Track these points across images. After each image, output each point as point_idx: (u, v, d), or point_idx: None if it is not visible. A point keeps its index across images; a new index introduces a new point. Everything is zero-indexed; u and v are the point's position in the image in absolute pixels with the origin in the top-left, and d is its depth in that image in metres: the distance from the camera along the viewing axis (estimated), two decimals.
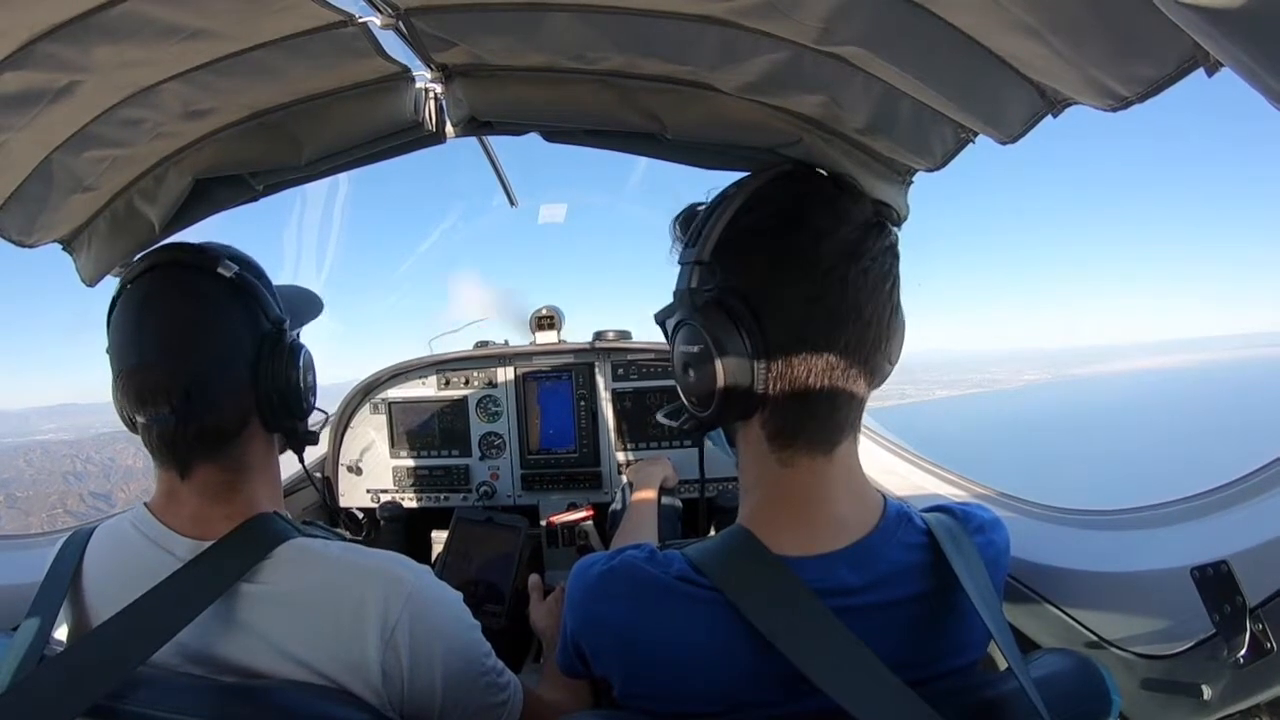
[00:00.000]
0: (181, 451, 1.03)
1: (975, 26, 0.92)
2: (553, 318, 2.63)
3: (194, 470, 1.04)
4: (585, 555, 1.03)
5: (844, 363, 0.90)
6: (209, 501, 1.04)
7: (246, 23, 1.05)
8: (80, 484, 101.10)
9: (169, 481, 1.06)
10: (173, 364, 1.02)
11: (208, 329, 1.05)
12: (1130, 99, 0.86)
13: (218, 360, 1.05)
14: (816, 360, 0.89)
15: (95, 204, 1.35)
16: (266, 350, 1.08)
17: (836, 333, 0.89)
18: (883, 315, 0.93)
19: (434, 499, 2.61)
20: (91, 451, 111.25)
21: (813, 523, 0.91)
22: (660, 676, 0.90)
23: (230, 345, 1.06)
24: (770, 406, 0.92)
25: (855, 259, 0.90)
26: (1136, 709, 1.14)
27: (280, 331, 1.11)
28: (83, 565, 1.07)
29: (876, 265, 0.92)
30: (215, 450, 1.04)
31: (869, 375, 0.94)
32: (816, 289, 0.89)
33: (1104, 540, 1.30)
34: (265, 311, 1.10)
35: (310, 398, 1.16)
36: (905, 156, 1.27)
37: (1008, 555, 1.04)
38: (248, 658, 0.96)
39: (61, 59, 0.97)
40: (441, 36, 1.17)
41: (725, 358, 0.89)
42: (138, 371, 1.02)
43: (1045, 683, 0.84)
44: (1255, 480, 1.10)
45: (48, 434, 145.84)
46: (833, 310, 0.89)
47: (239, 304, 1.08)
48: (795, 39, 1.06)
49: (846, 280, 0.89)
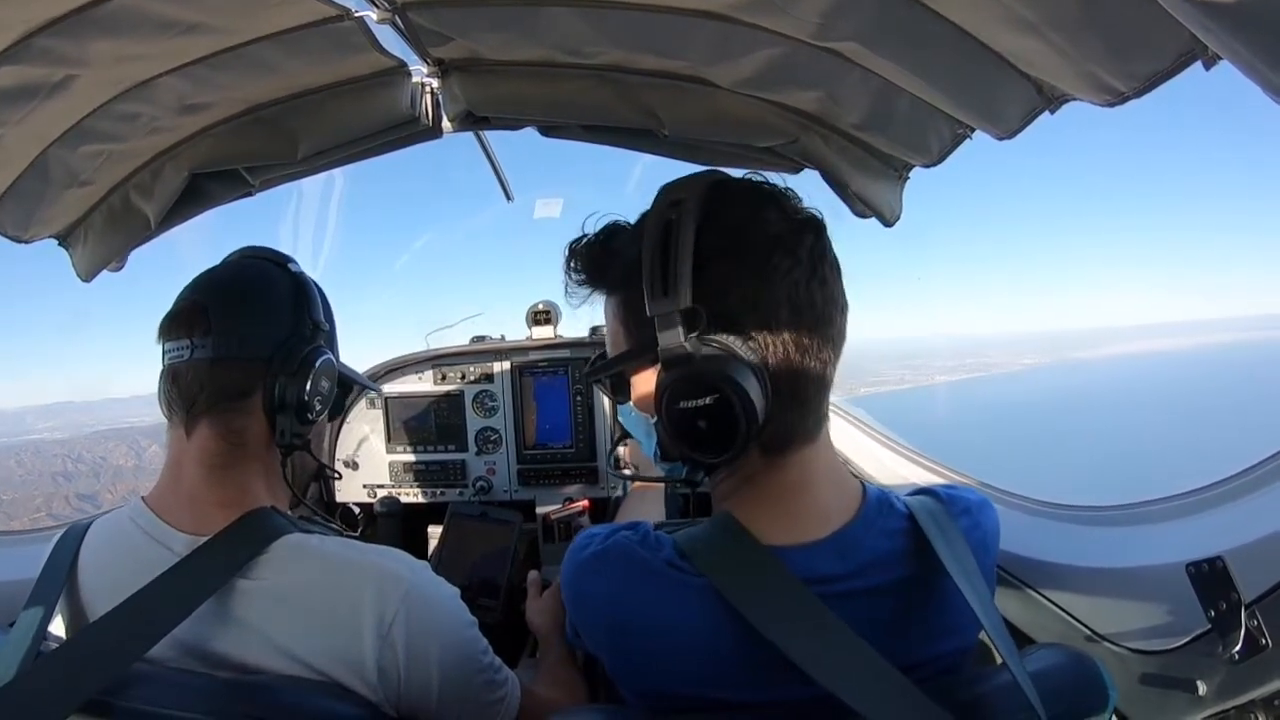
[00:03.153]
0: (188, 395, 1.05)
1: (972, 22, 0.92)
2: (549, 312, 2.62)
3: (198, 425, 1.05)
4: (583, 531, 1.03)
5: (823, 364, 0.90)
6: (205, 478, 1.04)
7: (243, 17, 1.04)
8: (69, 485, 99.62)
9: (175, 444, 1.07)
10: (214, 304, 1.07)
11: (257, 291, 1.11)
12: (1128, 94, 0.86)
13: (252, 319, 1.09)
14: (811, 366, 0.89)
15: (91, 199, 1.35)
16: (296, 339, 1.11)
17: (824, 331, 0.89)
18: (844, 299, 0.93)
19: (430, 494, 2.60)
20: (83, 451, 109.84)
21: (798, 513, 0.91)
22: (646, 657, 0.90)
23: (269, 314, 1.11)
24: (771, 424, 0.89)
25: (823, 256, 0.90)
26: (1132, 704, 1.15)
27: (315, 332, 1.14)
28: (79, 560, 1.06)
29: (833, 256, 0.92)
30: (218, 405, 1.06)
31: (839, 357, 0.94)
32: (797, 308, 0.88)
33: (1099, 535, 1.30)
34: (310, 311, 1.15)
35: (315, 403, 1.14)
36: (902, 152, 1.27)
37: (996, 539, 1.03)
38: (244, 653, 0.96)
39: (58, 53, 0.97)
40: (438, 31, 1.16)
41: (746, 399, 0.84)
42: (180, 301, 1.08)
43: (1039, 677, 0.84)
44: (1251, 476, 1.10)
45: (42, 433, 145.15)
46: (819, 312, 0.89)
47: (292, 294, 1.13)
48: (792, 34, 1.06)
49: (825, 279, 0.89)
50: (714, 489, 1.00)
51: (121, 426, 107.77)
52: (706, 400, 0.86)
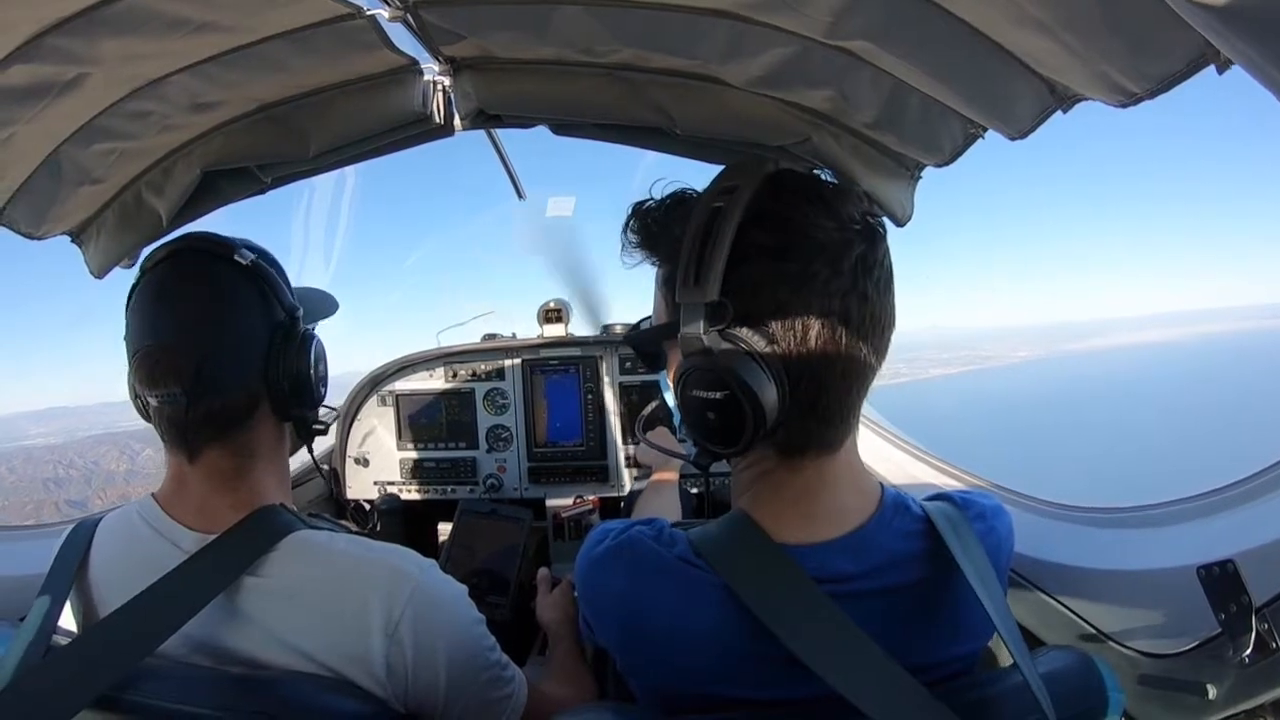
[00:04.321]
0: (190, 433, 1.03)
1: (985, 21, 0.92)
2: (560, 310, 2.63)
3: (202, 453, 1.04)
4: (599, 526, 1.04)
5: (861, 371, 0.88)
6: (215, 489, 1.05)
7: (254, 16, 1.05)
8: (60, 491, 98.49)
9: (177, 467, 1.06)
10: (186, 344, 1.02)
11: (222, 312, 1.05)
12: (1140, 95, 0.86)
13: (231, 343, 1.05)
14: (838, 377, 0.87)
15: (103, 196, 1.35)
16: (279, 337, 1.08)
17: (858, 347, 0.87)
18: (892, 315, 0.91)
19: (441, 491, 2.61)
20: (75, 456, 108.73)
21: (814, 514, 0.91)
22: (658, 653, 0.90)
23: (244, 329, 1.06)
24: (785, 428, 0.89)
25: (869, 270, 0.87)
26: (1141, 707, 1.14)
27: (294, 320, 1.11)
28: (89, 556, 1.07)
29: (885, 270, 0.89)
30: (223, 433, 1.05)
31: (873, 376, 0.92)
32: (835, 311, 0.85)
33: (1109, 538, 1.30)
34: (280, 299, 1.10)
35: (321, 388, 1.16)
36: (914, 151, 1.26)
37: (1010, 542, 1.03)
38: (253, 649, 0.96)
39: (69, 52, 0.97)
40: (450, 29, 1.16)
41: (755, 401, 0.84)
42: (152, 351, 1.02)
43: (1048, 679, 0.84)
44: (1261, 480, 1.09)
45: (36, 438, 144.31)
46: (855, 327, 0.86)
47: (254, 290, 1.08)
48: (804, 33, 1.05)
49: (866, 295, 0.86)
50: (733, 482, 1.00)
51: (116, 431, 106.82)
52: (717, 395, 0.86)
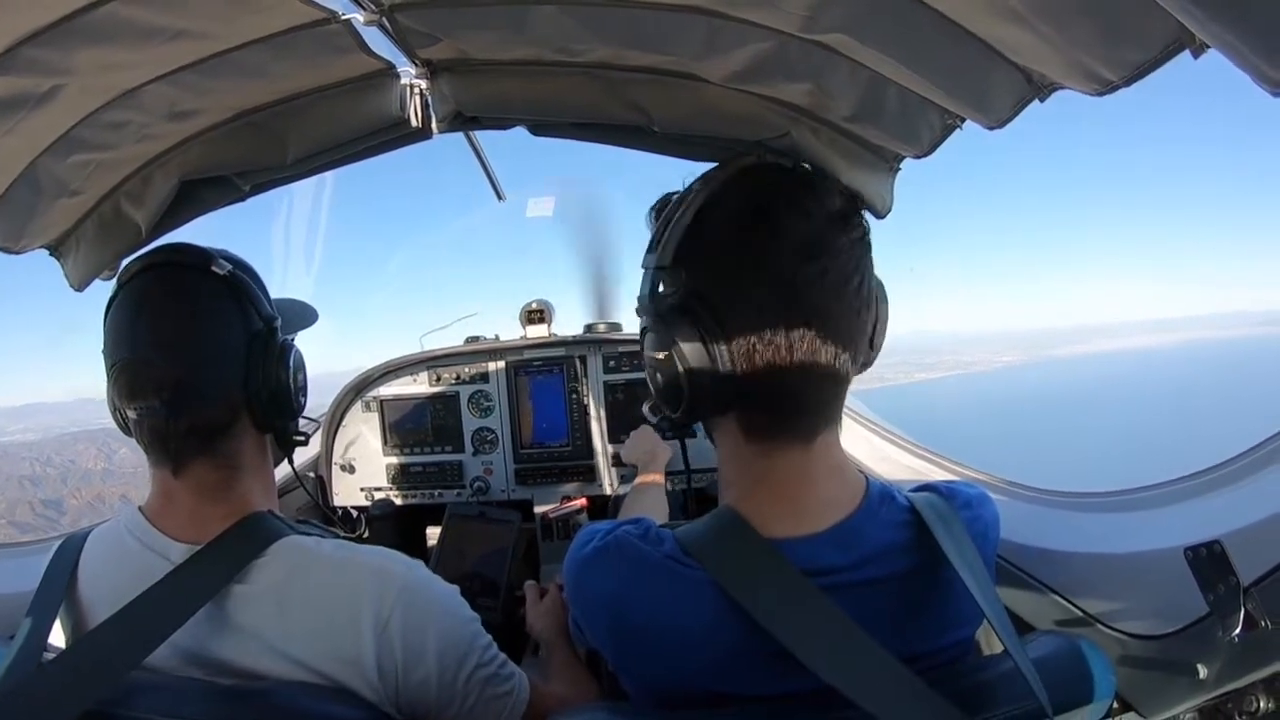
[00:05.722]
0: (173, 446, 1.03)
1: (960, 12, 0.92)
2: (543, 311, 2.62)
3: (187, 467, 1.04)
4: (585, 527, 1.05)
5: (813, 359, 0.89)
6: (205, 501, 1.04)
7: (229, 22, 1.04)
8: (36, 490, 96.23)
9: (163, 481, 1.05)
10: (165, 357, 1.02)
11: (200, 323, 1.05)
12: (1116, 82, 0.86)
13: (209, 354, 1.05)
14: (784, 360, 0.88)
15: (82, 208, 1.34)
16: (258, 348, 1.08)
17: (801, 332, 0.88)
18: (851, 308, 0.92)
19: (428, 495, 2.60)
20: (52, 453, 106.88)
21: (798, 505, 0.92)
22: (649, 652, 0.90)
23: (222, 340, 1.06)
24: (742, 406, 0.92)
25: (813, 259, 0.88)
26: (1132, 689, 1.15)
27: (272, 330, 1.11)
28: (78, 571, 1.06)
29: (838, 263, 0.90)
30: (207, 445, 1.04)
31: (843, 367, 0.93)
32: (777, 292, 0.88)
33: (1097, 522, 1.31)
34: (257, 310, 1.10)
35: (300, 398, 1.16)
36: (893, 144, 1.27)
37: (997, 530, 1.04)
38: (244, 658, 0.96)
39: (44, 63, 0.96)
40: (425, 32, 1.16)
41: (689, 362, 0.89)
42: (130, 365, 1.02)
43: (1040, 663, 0.84)
44: (1246, 461, 1.10)
45: (12, 435, 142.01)
46: (795, 311, 0.88)
47: (232, 301, 1.08)
48: (780, 27, 1.05)
49: (808, 282, 0.88)
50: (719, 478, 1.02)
51: (93, 428, 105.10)
52: (660, 355, 0.92)
